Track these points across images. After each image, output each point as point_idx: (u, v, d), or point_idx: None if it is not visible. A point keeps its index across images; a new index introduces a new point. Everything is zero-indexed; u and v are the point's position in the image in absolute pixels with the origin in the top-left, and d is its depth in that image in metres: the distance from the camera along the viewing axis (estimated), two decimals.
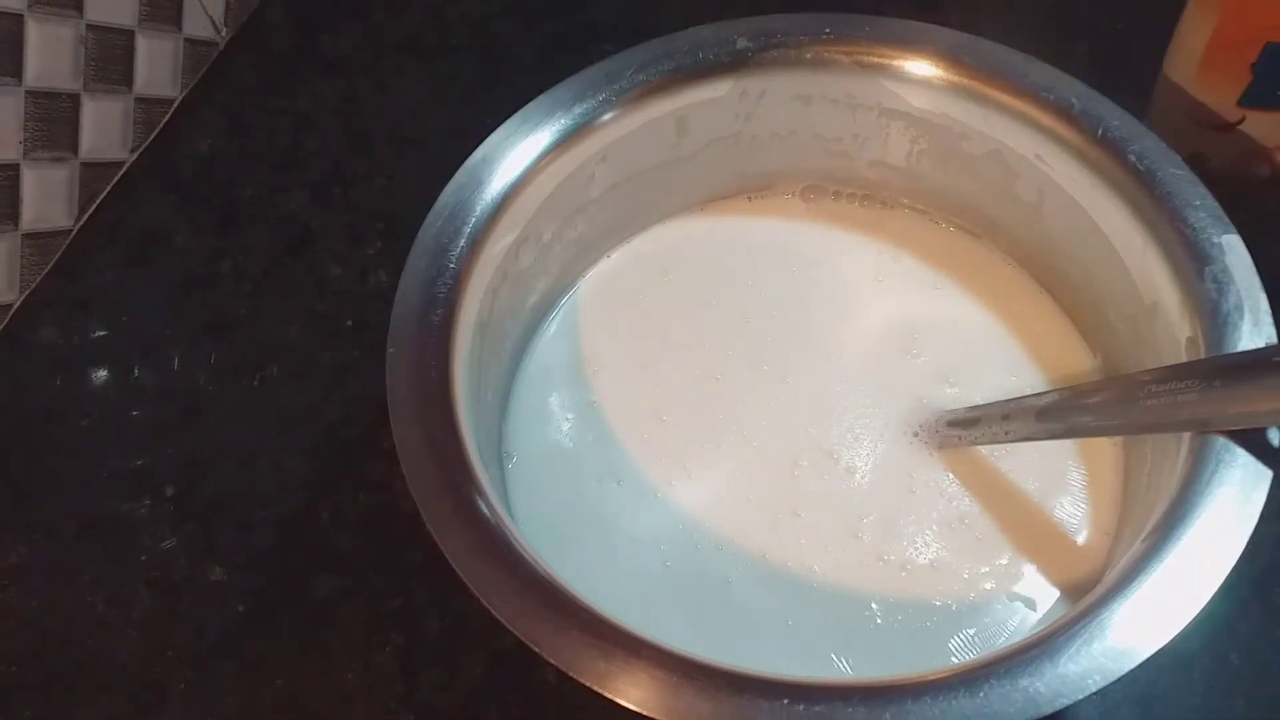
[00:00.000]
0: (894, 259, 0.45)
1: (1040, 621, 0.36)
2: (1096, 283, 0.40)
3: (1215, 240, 0.35)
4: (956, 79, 0.40)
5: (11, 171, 0.45)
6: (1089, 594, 0.30)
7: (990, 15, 0.53)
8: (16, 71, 0.45)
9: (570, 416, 0.42)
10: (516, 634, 0.29)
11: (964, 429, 0.39)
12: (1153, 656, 0.28)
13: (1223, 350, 0.33)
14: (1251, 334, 0.33)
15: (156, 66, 0.52)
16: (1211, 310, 0.34)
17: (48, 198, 0.48)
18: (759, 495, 0.39)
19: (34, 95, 0.46)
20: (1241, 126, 0.44)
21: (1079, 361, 0.42)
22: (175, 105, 0.54)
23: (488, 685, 0.38)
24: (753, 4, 0.44)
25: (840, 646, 0.36)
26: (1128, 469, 0.39)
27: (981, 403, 0.39)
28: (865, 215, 0.47)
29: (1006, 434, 0.37)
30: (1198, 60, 0.43)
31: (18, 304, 0.48)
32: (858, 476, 0.39)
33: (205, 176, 0.52)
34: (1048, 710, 0.27)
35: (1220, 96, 0.44)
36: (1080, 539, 0.38)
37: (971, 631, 0.36)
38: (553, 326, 0.45)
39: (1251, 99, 0.43)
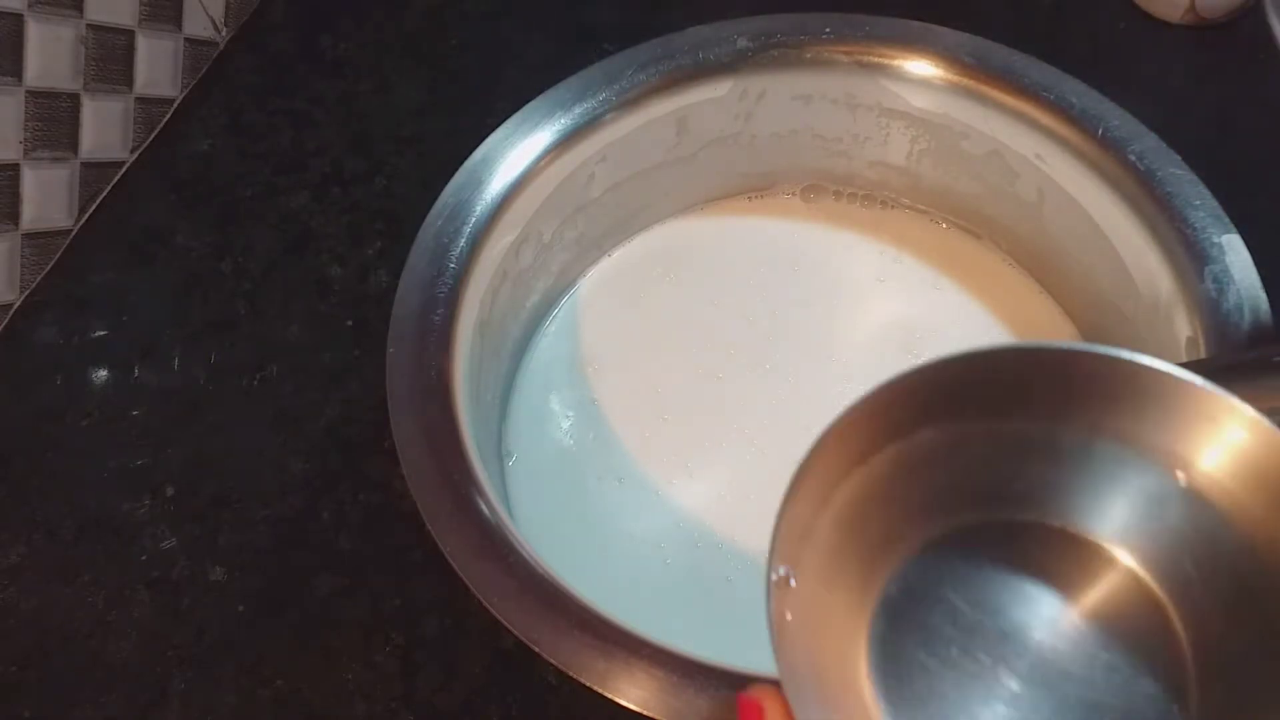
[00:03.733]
0: (894, 259, 0.45)
1: None
2: (1096, 282, 0.40)
3: (1215, 240, 0.35)
4: (956, 79, 0.40)
5: (12, 171, 0.45)
6: None
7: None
8: (17, 71, 0.45)
9: (570, 415, 0.42)
10: (516, 633, 0.29)
11: None
12: None
13: (1223, 350, 0.33)
14: (1252, 334, 0.33)
15: (156, 66, 0.52)
16: (1211, 310, 0.34)
17: (48, 197, 0.48)
18: (759, 494, 0.39)
19: (34, 95, 0.46)
20: None
21: None
22: (175, 105, 0.54)
23: (488, 684, 0.38)
24: (753, 4, 0.44)
25: None
26: None
27: None
28: (865, 215, 0.47)
29: None
30: None
31: (18, 304, 0.48)
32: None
33: (205, 176, 0.52)
34: None
35: None
36: None
37: None
38: (553, 326, 0.45)
39: None
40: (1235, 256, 0.35)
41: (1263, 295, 0.35)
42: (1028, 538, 0.27)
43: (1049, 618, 0.26)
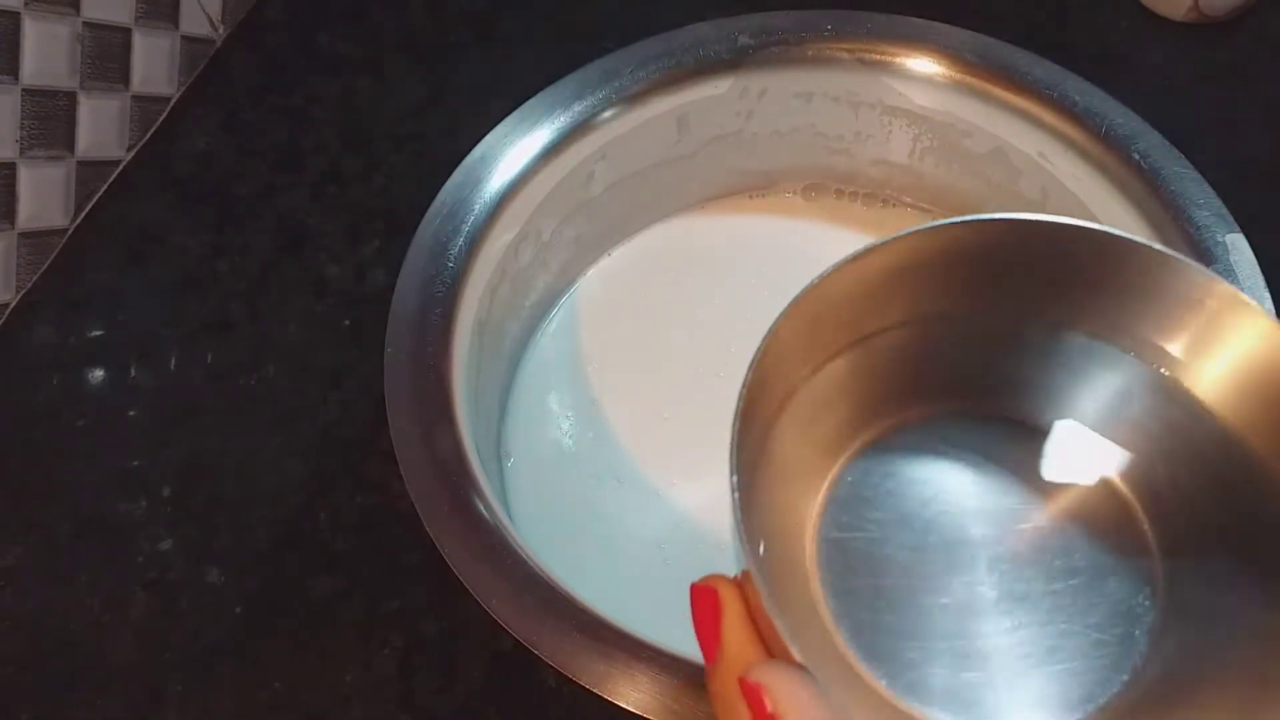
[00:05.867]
0: None
1: None
2: None
3: (1219, 239, 0.35)
4: (959, 76, 0.40)
5: (8, 170, 0.45)
6: None
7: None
8: (13, 69, 0.44)
9: (570, 415, 0.42)
10: (515, 636, 0.29)
11: None
12: None
13: None
14: None
15: (153, 64, 0.52)
16: None
17: (44, 196, 0.48)
18: None
19: (30, 93, 0.45)
20: None
21: None
22: (172, 103, 0.54)
23: (487, 687, 0.37)
24: (754, 0, 0.43)
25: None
26: None
27: None
28: (867, 213, 0.46)
29: None
30: None
31: (14, 303, 0.48)
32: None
33: (202, 175, 0.52)
34: None
35: None
36: None
37: None
38: (552, 325, 0.44)
39: None
40: (1239, 256, 0.35)
41: (1267, 294, 0.34)
42: (989, 432, 0.26)
43: (1007, 513, 0.25)
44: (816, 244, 0.45)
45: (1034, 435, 0.26)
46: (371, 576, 0.40)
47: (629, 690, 0.28)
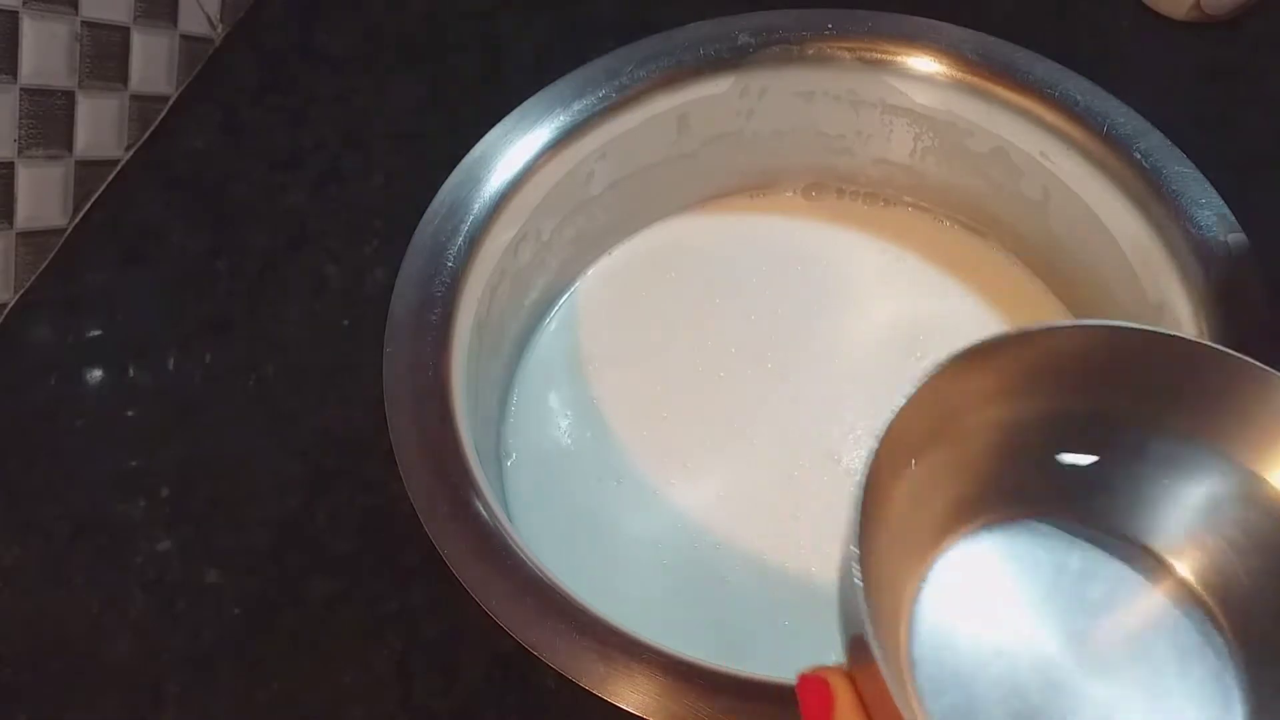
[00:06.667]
0: (898, 257, 0.45)
1: None
2: (1102, 281, 0.40)
3: (1221, 239, 0.35)
4: (960, 75, 0.40)
5: (6, 170, 0.45)
6: None
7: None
8: (12, 69, 0.44)
9: (569, 415, 0.42)
10: (514, 637, 0.29)
11: None
12: None
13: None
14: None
15: (152, 63, 0.52)
16: (1217, 309, 0.34)
17: (42, 196, 0.48)
18: (759, 495, 0.39)
19: (29, 93, 0.45)
20: None
21: None
22: (171, 102, 0.54)
23: (486, 688, 0.37)
24: None
25: (837, 649, 0.35)
26: None
27: None
28: (868, 213, 0.46)
29: None
30: None
31: (12, 303, 0.48)
32: (859, 478, 0.39)
33: (201, 174, 0.52)
34: None
35: None
36: None
37: None
38: (552, 324, 0.44)
39: None
40: (1241, 256, 0.35)
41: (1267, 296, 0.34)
42: (1076, 535, 0.26)
43: (1091, 620, 0.25)
44: (817, 244, 0.45)
45: (1120, 541, 0.26)
46: (371, 577, 0.40)
47: (628, 691, 0.28)
